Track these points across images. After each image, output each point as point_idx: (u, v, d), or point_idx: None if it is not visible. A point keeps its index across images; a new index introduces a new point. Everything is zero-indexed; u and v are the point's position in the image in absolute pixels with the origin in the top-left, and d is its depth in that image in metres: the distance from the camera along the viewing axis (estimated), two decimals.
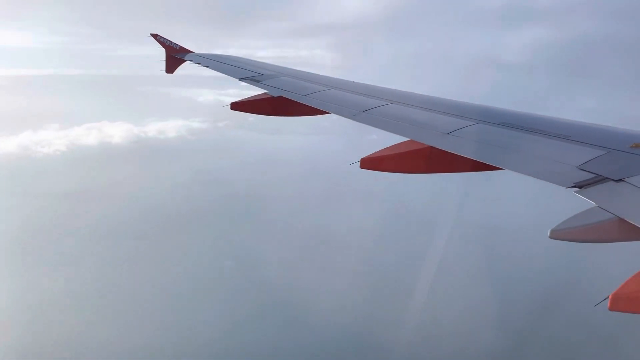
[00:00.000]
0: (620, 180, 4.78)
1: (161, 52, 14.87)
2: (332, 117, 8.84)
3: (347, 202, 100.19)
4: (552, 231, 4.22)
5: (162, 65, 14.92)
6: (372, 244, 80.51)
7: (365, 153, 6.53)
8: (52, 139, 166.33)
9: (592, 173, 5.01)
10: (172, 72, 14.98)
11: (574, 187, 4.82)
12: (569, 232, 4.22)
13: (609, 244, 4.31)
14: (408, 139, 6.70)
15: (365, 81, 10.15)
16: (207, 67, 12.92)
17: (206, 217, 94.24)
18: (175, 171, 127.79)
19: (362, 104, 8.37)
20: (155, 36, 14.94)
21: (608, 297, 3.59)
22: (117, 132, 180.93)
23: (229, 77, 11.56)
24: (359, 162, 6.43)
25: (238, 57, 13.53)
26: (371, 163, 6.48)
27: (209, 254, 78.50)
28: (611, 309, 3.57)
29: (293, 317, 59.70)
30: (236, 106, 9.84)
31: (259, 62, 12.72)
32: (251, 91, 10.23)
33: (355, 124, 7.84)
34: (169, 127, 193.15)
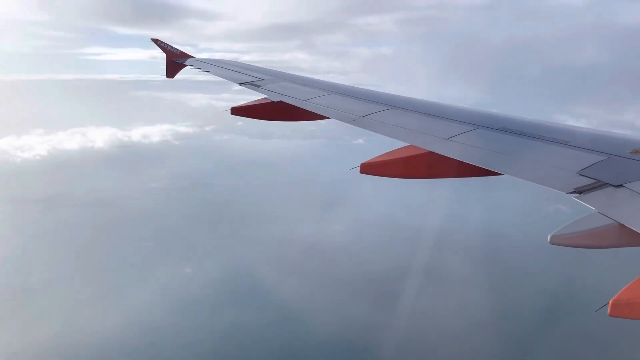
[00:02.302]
0: (620, 185, 4.78)
1: (152, 54, 14.87)
2: (320, 122, 8.82)
3: (343, 207, 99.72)
4: (552, 237, 4.21)
5: (160, 69, 14.93)
6: (367, 251, 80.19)
7: (354, 158, 6.51)
8: (34, 144, 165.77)
9: (592, 178, 5.01)
10: (172, 76, 15.03)
11: (574, 192, 4.82)
12: (569, 237, 4.21)
13: (609, 249, 4.31)
14: (407, 144, 6.70)
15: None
16: (207, 72, 12.96)
17: (186, 222, 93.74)
18: (154, 175, 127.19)
19: (361, 109, 8.37)
20: (155, 41, 14.99)
21: (608, 302, 3.59)
22: (101, 136, 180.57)
23: (223, 81, 11.59)
24: (359, 167, 6.42)
25: (238, 62, 13.57)
26: (371, 168, 6.46)
27: (192, 259, 78.08)
28: (611, 314, 3.58)
29: (281, 326, 59.17)
30: (236, 111, 9.84)
31: (258, 67, 12.75)
32: (245, 95, 10.25)
33: (344, 129, 7.86)
34: (155, 132, 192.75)
